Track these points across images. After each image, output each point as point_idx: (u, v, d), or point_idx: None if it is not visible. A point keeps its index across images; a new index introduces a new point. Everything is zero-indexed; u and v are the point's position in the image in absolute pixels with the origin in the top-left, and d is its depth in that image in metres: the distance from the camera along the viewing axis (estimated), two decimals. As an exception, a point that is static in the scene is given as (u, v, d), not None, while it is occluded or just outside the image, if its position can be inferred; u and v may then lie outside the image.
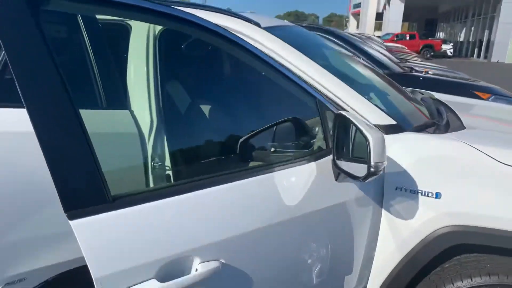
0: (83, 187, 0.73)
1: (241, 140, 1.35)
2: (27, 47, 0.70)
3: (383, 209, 1.42)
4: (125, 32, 1.76)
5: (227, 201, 1.02)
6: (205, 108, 1.79)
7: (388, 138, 1.39)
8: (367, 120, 1.38)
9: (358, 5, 44.10)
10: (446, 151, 1.41)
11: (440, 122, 1.70)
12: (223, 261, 0.91)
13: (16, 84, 0.68)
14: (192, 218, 0.94)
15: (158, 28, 1.73)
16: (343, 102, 1.45)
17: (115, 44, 1.83)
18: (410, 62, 6.63)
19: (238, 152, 1.31)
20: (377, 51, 5.20)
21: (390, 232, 1.43)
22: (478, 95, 3.77)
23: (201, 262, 0.87)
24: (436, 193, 1.36)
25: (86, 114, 0.98)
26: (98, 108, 1.68)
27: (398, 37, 24.52)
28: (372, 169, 1.02)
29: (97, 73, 1.66)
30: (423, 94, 2.45)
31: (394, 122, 1.48)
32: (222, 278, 0.93)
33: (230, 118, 1.81)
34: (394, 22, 27.34)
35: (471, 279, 1.37)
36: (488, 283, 1.35)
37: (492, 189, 1.35)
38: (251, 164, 1.37)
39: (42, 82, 0.73)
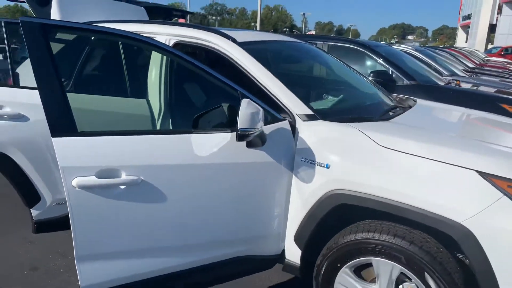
0: (61, 123, 1.46)
1: (195, 116, 1.97)
2: (40, 56, 1.46)
3: (293, 175, 1.93)
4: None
5: (164, 143, 1.66)
6: (187, 99, 2.51)
7: (305, 123, 1.92)
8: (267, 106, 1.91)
9: (468, 17, 40.67)
10: (337, 134, 1.87)
11: (365, 114, 2.12)
12: (142, 178, 1.57)
13: (34, 74, 1.44)
14: (132, 147, 1.58)
15: (174, 41, 2.48)
16: (277, 99, 2.01)
17: (144, 55, 2.64)
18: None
19: (193, 123, 1.92)
20: (426, 63, 5.33)
21: (297, 192, 1.93)
22: (505, 108, 3.78)
23: (127, 174, 1.54)
24: (327, 164, 1.83)
25: (119, 100, 1.69)
26: (127, 97, 2.49)
27: (508, 51, 22.23)
28: (238, 132, 1.59)
29: (127, 74, 2.47)
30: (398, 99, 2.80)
31: (310, 112, 1.98)
32: (140, 189, 1.57)
33: (194, 104, 2.50)
34: (505, 34, 24.82)
35: (355, 235, 1.80)
36: (366, 237, 1.76)
37: (369, 163, 1.77)
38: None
39: (46, 73, 1.48)
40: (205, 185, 1.73)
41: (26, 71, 2.81)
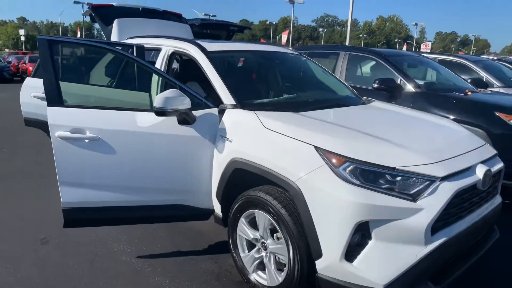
0: (53, 98, 2.45)
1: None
2: (47, 63, 2.47)
3: (214, 147, 2.63)
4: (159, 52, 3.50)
5: (116, 115, 2.52)
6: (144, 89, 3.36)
7: (228, 110, 2.62)
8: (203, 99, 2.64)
9: None
10: (242, 118, 2.52)
11: (286, 108, 2.68)
12: (99, 136, 2.46)
13: (41, 70, 2.45)
14: (95, 116, 2.46)
15: (171, 51, 3.38)
16: (217, 92, 2.73)
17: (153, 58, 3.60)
18: None
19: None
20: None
21: (216, 160, 2.62)
22: (500, 117, 3.75)
23: (89, 133, 2.45)
24: (230, 139, 2.50)
25: (129, 93, 2.68)
26: (135, 90, 3.47)
27: None
28: (154, 109, 2.37)
29: (136, 74, 3.46)
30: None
31: (234, 102, 2.65)
32: (99, 143, 2.43)
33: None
34: None
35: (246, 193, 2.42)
36: (251, 194, 2.38)
37: (256, 140, 2.39)
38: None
39: (48, 70, 2.48)
40: (145, 146, 2.56)
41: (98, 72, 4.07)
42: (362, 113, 2.93)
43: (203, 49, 3.05)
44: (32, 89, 4.52)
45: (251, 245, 2.52)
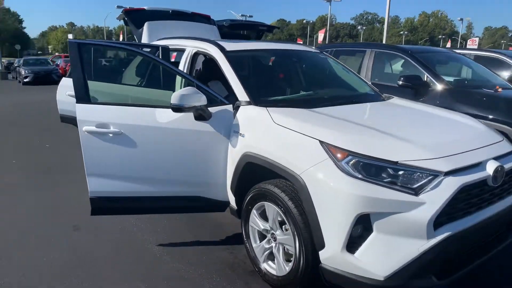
0: (81, 96, 2.67)
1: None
2: (77, 64, 2.70)
3: (228, 141, 2.75)
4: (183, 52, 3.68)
5: (138, 111, 2.71)
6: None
7: (242, 107, 2.74)
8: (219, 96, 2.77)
9: None
10: (254, 113, 2.62)
11: (300, 104, 2.74)
12: (122, 131, 2.65)
13: (71, 70, 2.67)
14: (118, 112, 2.66)
15: (194, 51, 3.54)
16: (233, 89, 2.85)
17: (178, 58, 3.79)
18: None
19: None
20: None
21: (230, 154, 2.74)
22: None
23: (113, 128, 2.65)
24: (243, 134, 2.61)
25: (155, 91, 2.91)
26: (160, 89, 3.67)
27: None
28: (170, 106, 2.52)
29: (162, 74, 3.65)
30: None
31: (247, 99, 2.76)
32: (122, 138, 2.62)
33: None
34: None
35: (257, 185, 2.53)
36: (261, 187, 2.48)
37: (266, 135, 2.48)
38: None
39: (77, 70, 2.71)
40: (164, 140, 2.73)
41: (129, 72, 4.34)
42: (376, 109, 2.93)
43: (222, 49, 3.18)
44: (67, 88, 4.88)
45: (262, 236, 2.62)
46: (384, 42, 18.52)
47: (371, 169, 2.01)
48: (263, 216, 2.57)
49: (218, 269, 2.75)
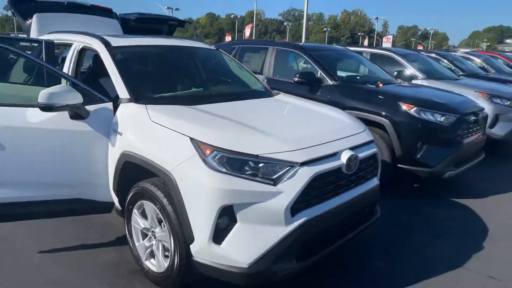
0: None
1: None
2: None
3: (109, 141, 2.69)
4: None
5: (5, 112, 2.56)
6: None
7: (122, 104, 2.68)
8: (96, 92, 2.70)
9: None
10: (133, 111, 2.59)
11: (184, 101, 2.77)
12: None
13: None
14: None
15: (81, 46, 3.36)
16: (115, 86, 2.78)
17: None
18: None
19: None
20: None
21: (110, 153, 2.68)
22: (402, 106, 4.03)
23: None
24: (121, 133, 2.57)
25: (34, 89, 2.73)
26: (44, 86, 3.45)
27: None
28: (38, 105, 2.40)
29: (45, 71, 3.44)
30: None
31: (128, 97, 2.71)
32: None
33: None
34: None
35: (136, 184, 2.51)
36: (141, 186, 2.46)
37: (143, 133, 2.47)
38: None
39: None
40: (36, 142, 2.59)
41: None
42: (257, 105, 3.07)
43: (107, 44, 3.09)
44: None
45: (144, 235, 2.62)
46: (303, 38, 19.26)
47: (234, 163, 2.11)
48: (144, 215, 2.57)
49: (101, 271, 2.68)
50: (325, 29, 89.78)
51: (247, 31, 39.24)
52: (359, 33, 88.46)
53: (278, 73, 5.26)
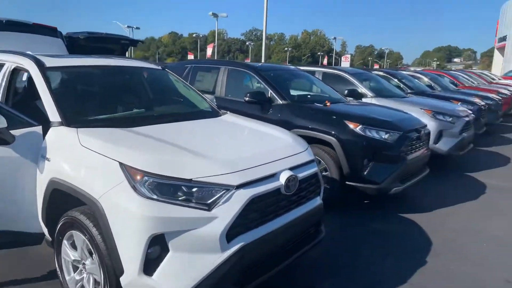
0: None
1: None
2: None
3: (37, 167, 2.51)
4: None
5: None
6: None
7: (53, 128, 2.51)
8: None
9: (503, 39, 39.05)
10: (62, 136, 2.44)
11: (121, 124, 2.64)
12: None
13: None
14: None
15: (13, 66, 3.15)
16: (45, 109, 2.61)
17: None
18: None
19: None
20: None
21: (38, 181, 2.50)
22: (347, 124, 4.12)
23: None
24: (49, 158, 2.41)
25: None
26: None
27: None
28: None
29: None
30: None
31: (59, 120, 2.56)
32: None
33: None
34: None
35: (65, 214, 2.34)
36: (70, 215, 2.29)
37: (72, 158, 2.32)
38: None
39: None
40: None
41: None
42: (199, 126, 2.99)
43: (39, 64, 2.92)
44: None
45: (75, 268, 2.43)
46: (263, 58, 19.56)
47: (166, 188, 2.02)
48: (74, 246, 2.39)
49: (28, 310, 2.46)
50: (286, 48, 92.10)
51: (209, 50, 39.38)
52: (319, 53, 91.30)
53: (230, 93, 5.24)
